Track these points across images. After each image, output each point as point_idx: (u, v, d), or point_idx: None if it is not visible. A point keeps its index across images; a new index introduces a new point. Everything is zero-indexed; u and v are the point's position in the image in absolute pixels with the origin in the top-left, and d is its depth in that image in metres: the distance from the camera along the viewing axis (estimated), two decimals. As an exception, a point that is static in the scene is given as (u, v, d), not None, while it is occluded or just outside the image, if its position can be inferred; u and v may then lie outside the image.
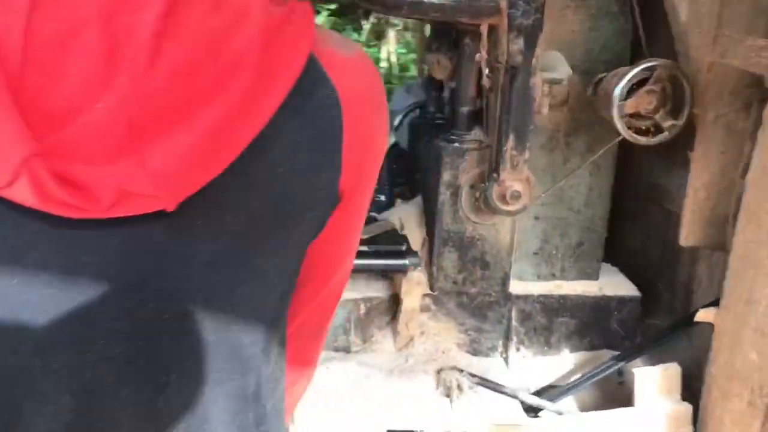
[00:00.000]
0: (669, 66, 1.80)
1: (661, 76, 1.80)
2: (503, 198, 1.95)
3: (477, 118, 2.09)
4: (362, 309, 2.20)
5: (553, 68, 2.00)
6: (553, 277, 2.28)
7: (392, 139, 2.42)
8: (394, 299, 2.20)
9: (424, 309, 2.23)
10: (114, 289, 0.56)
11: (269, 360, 0.69)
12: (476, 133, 2.09)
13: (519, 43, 1.76)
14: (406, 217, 2.27)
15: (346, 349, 2.21)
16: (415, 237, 2.22)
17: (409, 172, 2.54)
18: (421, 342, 2.17)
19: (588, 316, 2.27)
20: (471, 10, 1.78)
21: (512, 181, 1.93)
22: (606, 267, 2.36)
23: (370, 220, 2.39)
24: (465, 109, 2.10)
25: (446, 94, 2.33)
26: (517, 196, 1.95)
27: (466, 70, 2.06)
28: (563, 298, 2.26)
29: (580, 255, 2.27)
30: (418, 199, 2.33)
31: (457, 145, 2.08)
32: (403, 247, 2.10)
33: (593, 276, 2.29)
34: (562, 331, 2.28)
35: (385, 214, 2.36)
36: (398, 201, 2.47)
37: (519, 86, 1.85)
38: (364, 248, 2.10)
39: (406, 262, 2.08)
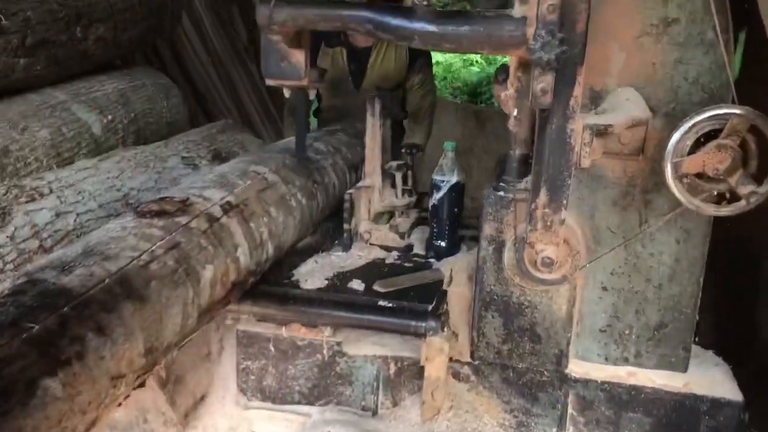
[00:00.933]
0: (749, 115, 1.36)
1: (737, 128, 1.37)
2: (534, 264, 1.62)
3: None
4: (392, 368, 1.96)
5: (624, 109, 1.62)
6: (625, 361, 1.86)
7: (455, 177, 2.14)
8: (429, 362, 1.94)
9: (463, 379, 1.94)
10: None
11: None
12: (528, 181, 1.77)
13: (545, 81, 1.44)
14: (458, 269, 2.01)
15: (373, 411, 1.99)
16: (461, 294, 1.94)
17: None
18: (449, 417, 1.89)
19: (668, 417, 1.82)
20: (491, 42, 1.49)
21: (544, 244, 1.60)
22: (703, 356, 1.89)
23: (423, 267, 2.16)
24: (516, 153, 1.79)
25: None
26: (549, 263, 1.61)
27: (521, 107, 1.75)
28: (636, 390, 1.83)
29: (662, 339, 1.83)
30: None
31: (501, 194, 1.78)
32: (429, 308, 1.84)
33: (679, 367, 1.84)
34: (632, 429, 1.85)
35: (443, 263, 2.11)
36: (464, 247, 2.20)
37: (552, 132, 1.52)
38: (384, 303, 1.87)
39: (423, 325, 1.81)
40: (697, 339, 1.95)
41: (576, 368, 1.88)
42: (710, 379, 1.84)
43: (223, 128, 3.34)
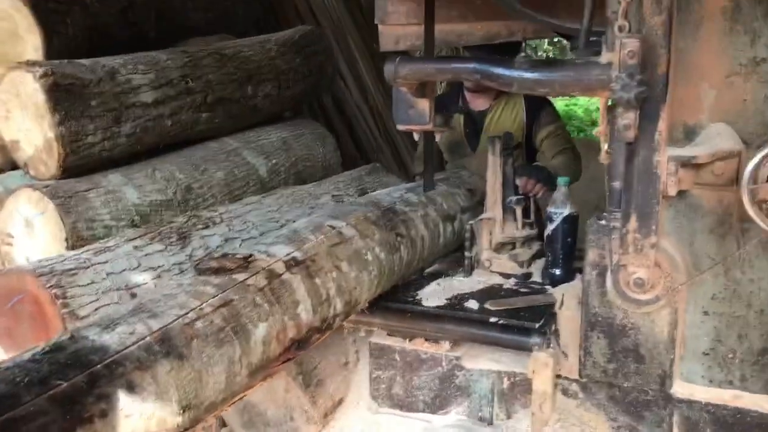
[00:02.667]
0: (823, 144, 1.46)
1: (811, 156, 1.47)
2: (628, 285, 1.78)
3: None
4: (505, 382, 2.16)
5: (713, 143, 1.76)
6: (730, 385, 1.93)
7: (568, 209, 2.32)
8: (540, 378, 2.11)
9: (572, 395, 2.09)
10: None
11: None
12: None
13: (628, 118, 1.62)
14: (568, 294, 2.17)
15: (489, 421, 2.19)
16: (570, 317, 2.10)
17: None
18: (556, 429, 2.04)
19: (774, 441, 1.86)
20: (581, 85, 1.70)
21: (636, 267, 1.75)
22: (814, 385, 1.91)
23: (538, 292, 2.34)
24: (616, 184, 1.95)
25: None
26: (640, 284, 1.76)
27: (618, 143, 1.92)
28: (741, 413, 1.89)
29: (767, 364, 1.88)
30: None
31: (603, 222, 1.94)
32: (536, 325, 2.02)
33: (786, 393, 1.87)
34: (738, 452, 1.91)
35: (557, 289, 2.28)
36: (579, 276, 2.35)
37: (639, 163, 1.69)
38: (494, 319, 2.08)
39: (530, 341, 1.99)
40: (806, 366, 1.97)
41: (681, 389, 1.97)
42: (820, 405, 1.86)
43: (370, 171, 3.71)
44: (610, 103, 1.72)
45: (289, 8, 5.87)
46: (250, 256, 1.79)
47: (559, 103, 11.28)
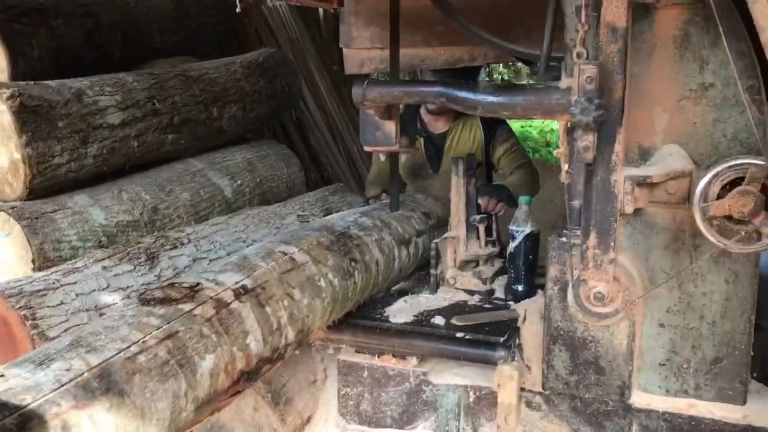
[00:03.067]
0: (765, 165, 1.56)
1: (755, 176, 1.58)
2: (588, 299, 1.86)
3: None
4: (471, 397, 2.21)
5: (666, 163, 1.86)
6: (685, 394, 2.02)
7: (529, 227, 2.40)
8: (504, 392, 2.17)
9: (535, 407, 2.15)
10: None
11: None
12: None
13: (587, 140, 1.71)
14: (531, 309, 2.24)
15: (455, 435, 2.24)
16: (533, 331, 2.18)
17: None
18: (521, 441, 2.10)
19: (728, 448, 1.95)
20: (542, 109, 1.79)
21: (596, 281, 1.83)
22: (764, 391, 2.01)
23: (502, 308, 2.41)
24: (575, 203, 2.03)
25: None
26: (600, 297, 1.84)
27: (577, 164, 2.01)
28: (695, 421, 1.98)
29: (719, 373, 1.98)
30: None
31: (564, 239, 2.03)
32: (501, 339, 2.09)
33: (737, 400, 1.97)
34: (694, 458, 1.99)
35: (520, 304, 2.35)
36: (540, 292, 2.43)
37: (597, 183, 1.78)
38: (461, 334, 2.14)
39: (495, 354, 2.05)
40: (754, 375, 2.08)
41: (639, 399, 2.05)
42: (769, 413, 1.96)
43: (335, 191, 3.76)
44: (569, 125, 1.81)
45: (250, 29, 5.92)
46: (197, 284, 1.71)
47: (515, 125, 11.50)
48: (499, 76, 12.67)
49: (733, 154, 1.83)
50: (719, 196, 1.68)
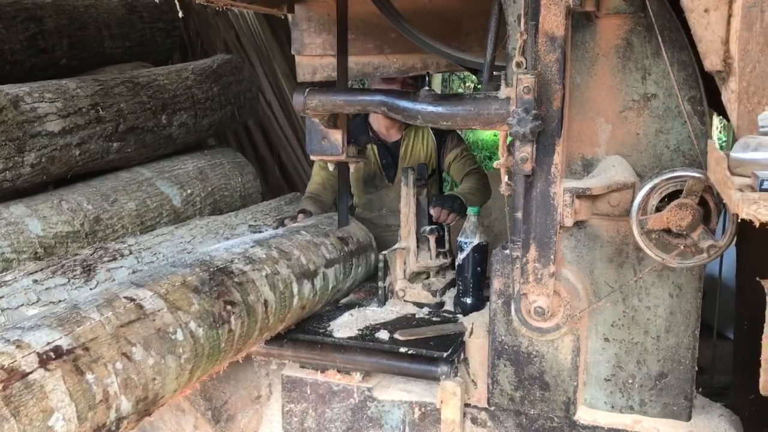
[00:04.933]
0: (703, 177, 1.53)
1: (693, 189, 1.55)
2: (529, 314, 1.81)
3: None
4: (416, 413, 2.15)
5: (608, 175, 1.82)
6: (631, 410, 1.98)
7: (477, 239, 2.36)
8: (450, 408, 2.12)
9: (481, 424, 2.11)
10: None
11: None
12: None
13: (525, 151, 1.67)
14: (478, 322, 2.20)
15: (400, 453, 2.18)
16: (480, 345, 2.13)
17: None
18: (465, 459, 2.05)
19: (672, 464, 1.91)
20: (481, 119, 1.75)
21: (536, 295, 1.79)
22: (709, 407, 1.99)
23: (450, 321, 2.36)
24: (517, 215, 1.99)
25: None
26: (541, 312, 1.80)
27: (517, 175, 1.98)
28: (641, 437, 1.94)
29: (664, 389, 1.94)
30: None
31: (507, 252, 1.98)
32: (444, 354, 2.04)
33: (682, 416, 1.94)
34: (640, 475, 1.95)
35: (467, 318, 2.31)
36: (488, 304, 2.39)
37: (537, 195, 1.74)
38: (404, 349, 2.09)
39: (438, 370, 2.00)
40: (701, 390, 2.05)
41: (584, 415, 2.01)
42: (713, 428, 1.93)
43: (291, 200, 3.69)
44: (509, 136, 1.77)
45: (216, 38, 5.85)
46: None
47: (489, 133, 11.56)
48: (445, 82, 12.44)
49: (675, 166, 1.81)
50: (658, 209, 1.65)
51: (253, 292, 1.97)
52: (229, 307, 1.86)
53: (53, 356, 1.39)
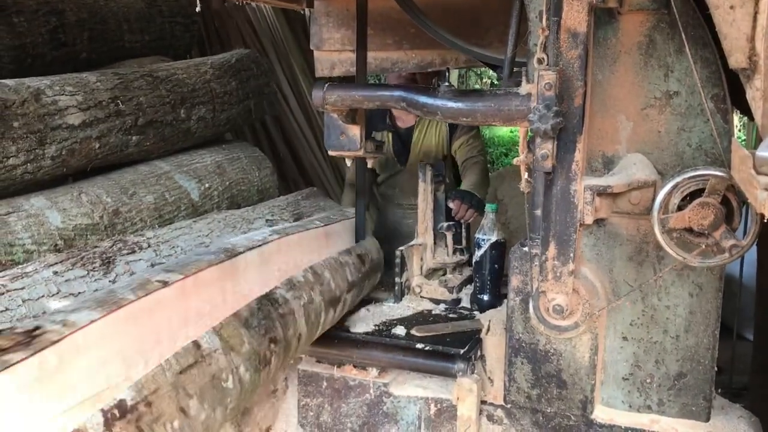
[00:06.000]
0: (726, 176, 1.52)
1: (716, 188, 1.53)
2: (547, 312, 1.80)
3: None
4: (432, 409, 2.15)
5: (629, 172, 1.81)
6: (649, 409, 1.97)
7: (495, 236, 2.35)
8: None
9: (497, 421, 2.10)
10: None
11: None
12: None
13: (545, 148, 1.66)
14: (495, 319, 2.19)
15: (416, 449, 2.17)
16: (497, 342, 2.12)
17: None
18: (481, 455, 2.04)
19: (691, 465, 1.90)
20: (501, 115, 1.74)
21: (555, 293, 1.78)
22: (729, 408, 1.97)
23: (467, 318, 2.35)
24: (537, 212, 1.98)
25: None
26: (559, 310, 1.79)
27: (537, 172, 1.96)
28: (659, 437, 1.93)
29: (683, 389, 1.93)
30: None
31: (526, 249, 1.97)
32: (461, 351, 2.03)
33: (701, 416, 1.92)
34: (657, 475, 1.94)
35: (484, 315, 2.30)
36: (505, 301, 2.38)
37: (557, 192, 1.73)
38: (420, 345, 2.08)
39: (454, 367, 2.00)
40: (720, 390, 2.04)
41: (601, 414, 2.00)
42: (732, 429, 1.91)
43: (308, 195, 3.69)
44: (530, 133, 1.76)
45: (234, 32, 5.87)
46: (36, 328, 1.16)
47: (506, 129, 11.50)
48: (459, 77, 12.45)
49: (697, 164, 1.79)
50: (680, 208, 1.63)
51: (292, 325, 1.79)
52: (272, 346, 1.66)
53: (118, 415, 1.19)
